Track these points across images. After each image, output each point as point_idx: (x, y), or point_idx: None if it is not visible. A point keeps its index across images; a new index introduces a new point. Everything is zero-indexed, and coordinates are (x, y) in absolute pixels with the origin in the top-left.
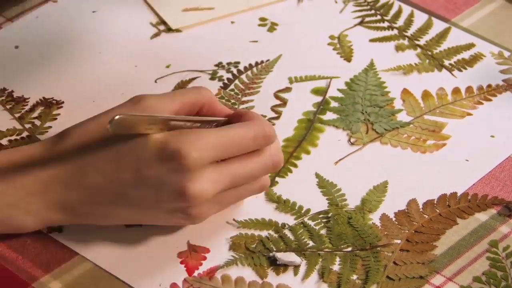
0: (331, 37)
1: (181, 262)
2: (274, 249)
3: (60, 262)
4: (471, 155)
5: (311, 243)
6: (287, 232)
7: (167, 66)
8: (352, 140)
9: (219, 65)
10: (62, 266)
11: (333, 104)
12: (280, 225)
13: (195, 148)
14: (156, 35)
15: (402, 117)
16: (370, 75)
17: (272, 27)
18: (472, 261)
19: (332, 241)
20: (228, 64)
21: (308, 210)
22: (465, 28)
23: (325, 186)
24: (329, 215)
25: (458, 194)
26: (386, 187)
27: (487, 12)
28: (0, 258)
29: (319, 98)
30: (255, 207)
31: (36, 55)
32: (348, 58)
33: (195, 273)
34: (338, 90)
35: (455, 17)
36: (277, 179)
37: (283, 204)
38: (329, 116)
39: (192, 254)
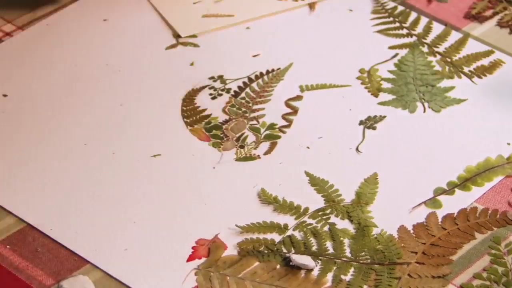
0: (343, 44)
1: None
2: (293, 251)
3: (70, 270)
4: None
5: (331, 250)
6: (309, 234)
7: (191, 64)
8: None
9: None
10: (72, 275)
11: (386, 85)
12: (282, 226)
13: None
14: (172, 46)
15: (455, 94)
16: (417, 54)
17: (284, 35)
18: (475, 260)
19: (352, 251)
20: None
21: (306, 209)
22: (476, 37)
23: (317, 183)
24: (328, 211)
25: (479, 209)
26: (377, 178)
27: (495, 20)
28: (11, 266)
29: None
30: (253, 210)
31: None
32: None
33: (195, 260)
34: (389, 71)
35: (466, 25)
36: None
37: (280, 205)
38: (385, 97)
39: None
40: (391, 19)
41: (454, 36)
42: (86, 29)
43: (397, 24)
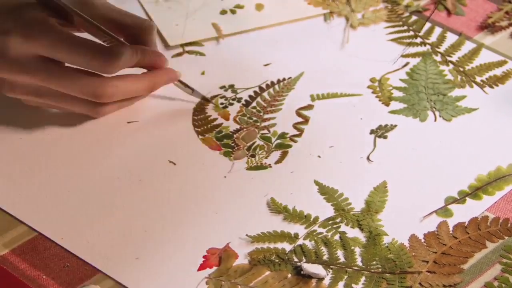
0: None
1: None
2: (304, 260)
3: (82, 280)
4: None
5: (342, 259)
6: (320, 243)
7: (202, 73)
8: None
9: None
10: (84, 284)
11: (398, 94)
12: (292, 235)
13: (25, 37)
14: (178, 54)
15: (466, 103)
16: (429, 63)
17: (294, 44)
18: (486, 269)
19: (364, 259)
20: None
21: (316, 218)
22: (488, 46)
23: (326, 192)
24: (338, 220)
25: (490, 218)
26: (386, 187)
27: (510, 30)
28: (22, 276)
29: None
30: (264, 220)
31: None
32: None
33: (206, 269)
34: (400, 80)
35: (477, 34)
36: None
37: (290, 214)
38: (396, 106)
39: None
40: (405, 27)
41: (468, 46)
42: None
43: (411, 33)
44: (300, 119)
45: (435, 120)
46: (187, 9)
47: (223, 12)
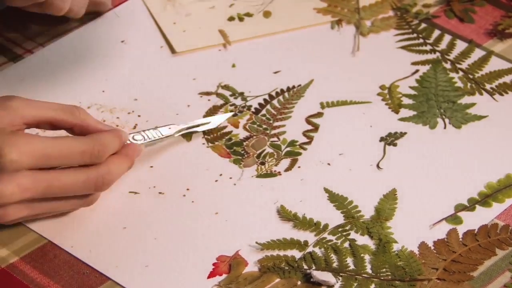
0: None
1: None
2: (314, 267)
3: (91, 287)
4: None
5: (352, 266)
6: (330, 250)
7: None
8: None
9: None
10: None
11: (407, 101)
12: (302, 243)
13: (18, 151)
14: (187, 61)
15: (476, 110)
16: (439, 70)
17: (304, 51)
18: (496, 276)
19: (373, 267)
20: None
21: (326, 226)
22: (497, 54)
23: (336, 200)
24: (348, 227)
25: (500, 225)
26: (396, 194)
27: None
28: (32, 284)
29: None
30: (274, 227)
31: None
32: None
33: (216, 277)
34: (410, 87)
35: (487, 42)
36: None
37: (300, 222)
38: (405, 113)
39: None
40: (415, 35)
41: (478, 53)
42: (104, 47)
43: (421, 40)
44: (309, 127)
45: (445, 127)
46: (194, 15)
47: (231, 18)
